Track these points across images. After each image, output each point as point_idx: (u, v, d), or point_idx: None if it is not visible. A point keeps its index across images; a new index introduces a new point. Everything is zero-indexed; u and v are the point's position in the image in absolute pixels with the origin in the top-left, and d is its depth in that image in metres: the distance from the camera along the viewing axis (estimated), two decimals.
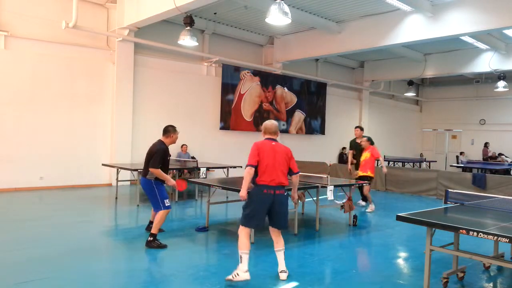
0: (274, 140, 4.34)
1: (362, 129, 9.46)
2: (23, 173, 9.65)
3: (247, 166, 4.15)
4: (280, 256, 4.25)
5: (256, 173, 4.16)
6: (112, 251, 5.34)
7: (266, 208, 4.15)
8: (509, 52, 13.63)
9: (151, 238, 5.25)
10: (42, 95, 9.93)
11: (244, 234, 4.16)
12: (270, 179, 4.12)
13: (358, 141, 9.18)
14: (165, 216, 5.37)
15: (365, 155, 8.63)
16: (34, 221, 6.69)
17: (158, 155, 5.29)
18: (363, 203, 9.03)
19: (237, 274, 4.02)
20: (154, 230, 5.29)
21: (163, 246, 5.23)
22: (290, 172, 4.35)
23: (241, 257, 4.07)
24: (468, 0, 9.58)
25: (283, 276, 4.20)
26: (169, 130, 5.53)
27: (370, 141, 8.73)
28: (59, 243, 5.36)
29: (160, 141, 5.49)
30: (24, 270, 4.29)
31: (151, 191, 5.39)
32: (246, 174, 4.13)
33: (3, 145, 9.45)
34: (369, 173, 8.43)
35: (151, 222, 6.09)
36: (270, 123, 4.40)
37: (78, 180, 10.46)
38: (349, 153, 9.58)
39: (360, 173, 8.54)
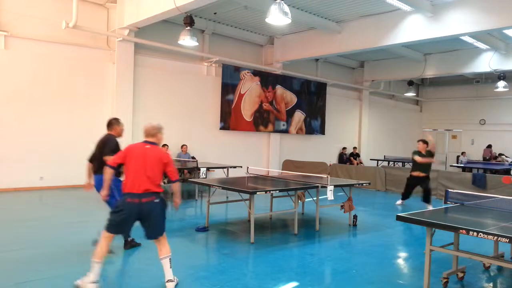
0: (151, 143, 3.93)
1: (423, 141, 8.92)
2: (23, 173, 9.65)
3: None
4: (166, 265, 3.83)
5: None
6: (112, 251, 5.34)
7: (132, 218, 3.77)
8: (509, 52, 13.62)
9: None
10: (42, 95, 9.93)
11: (104, 240, 3.79)
12: (133, 187, 3.73)
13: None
14: None
15: None
16: (34, 221, 6.69)
17: (111, 144, 5.00)
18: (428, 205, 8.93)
19: (84, 283, 3.65)
20: None
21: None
22: (169, 181, 4.01)
23: (93, 265, 3.69)
24: (468, 0, 9.57)
25: (170, 286, 3.80)
26: (111, 123, 5.28)
27: None
28: (59, 243, 5.36)
29: (107, 134, 5.22)
30: (24, 270, 4.29)
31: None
32: (106, 174, 3.95)
33: (3, 145, 9.45)
34: None
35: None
36: (149, 124, 4.01)
37: (78, 180, 10.38)
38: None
39: None
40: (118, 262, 4.78)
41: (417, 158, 8.63)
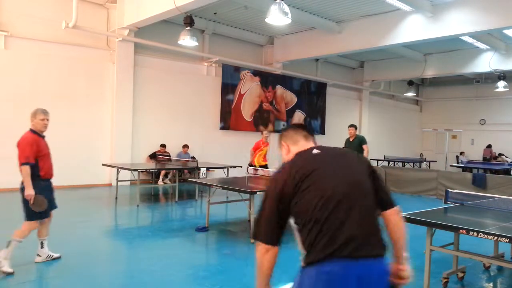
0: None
1: (356, 127, 9.22)
2: None
3: None
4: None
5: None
6: (112, 252, 5.35)
7: None
8: (509, 52, 13.62)
9: None
10: (42, 95, 9.91)
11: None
12: None
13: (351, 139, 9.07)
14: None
15: None
16: None
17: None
18: None
19: None
20: None
21: None
22: None
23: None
24: (468, 0, 9.57)
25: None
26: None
27: None
28: (58, 243, 5.35)
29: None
30: (24, 270, 4.29)
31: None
32: None
33: (3, 144, 9.42)
34: None
35: None
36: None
37: (78, 180, 10.45)
38: None
39: None
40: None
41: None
